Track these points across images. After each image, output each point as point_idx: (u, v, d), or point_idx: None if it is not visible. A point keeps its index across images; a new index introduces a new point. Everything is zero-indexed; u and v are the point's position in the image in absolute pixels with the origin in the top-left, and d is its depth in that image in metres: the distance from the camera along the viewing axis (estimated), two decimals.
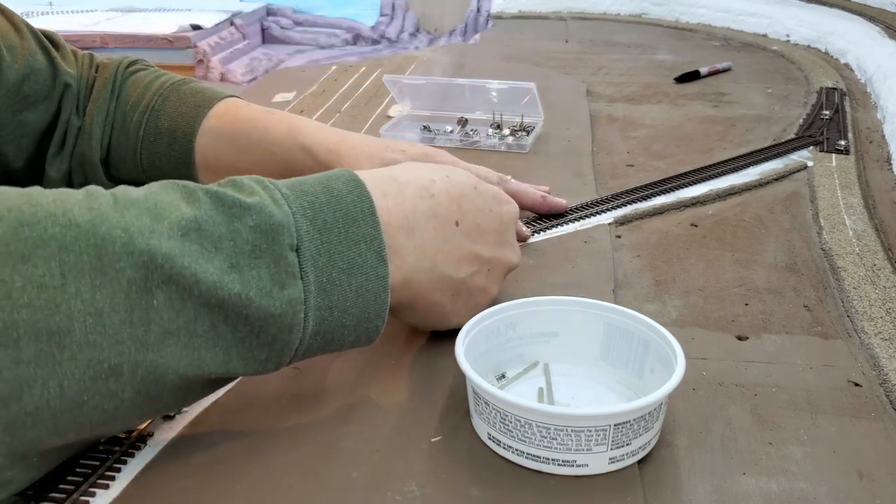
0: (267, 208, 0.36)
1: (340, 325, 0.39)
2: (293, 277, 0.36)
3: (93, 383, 0.31)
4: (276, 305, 0.35)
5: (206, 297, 0.33)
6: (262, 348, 0.36)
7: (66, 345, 0.30)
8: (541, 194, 0.68)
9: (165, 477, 0.39)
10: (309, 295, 0.37)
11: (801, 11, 1.63)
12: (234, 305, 0.34)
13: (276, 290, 0.35)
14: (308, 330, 0.37)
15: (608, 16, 1.90)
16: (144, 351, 0.32)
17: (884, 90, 1.09)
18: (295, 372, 0.47)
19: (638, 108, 1.08)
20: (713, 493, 0.38)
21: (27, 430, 0.30)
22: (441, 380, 0.46)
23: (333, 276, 0.38)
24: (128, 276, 0.31)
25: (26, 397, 0.30)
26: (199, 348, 0.34)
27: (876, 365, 0.49)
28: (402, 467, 0.39)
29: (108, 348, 0.31)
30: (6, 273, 0.29)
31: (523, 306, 0.47)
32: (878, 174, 0.83)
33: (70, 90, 0.65)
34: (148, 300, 0.32)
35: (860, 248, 0.65)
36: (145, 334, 0.32)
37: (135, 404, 0.33)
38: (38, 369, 0.30)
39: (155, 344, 0.32)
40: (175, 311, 0.33)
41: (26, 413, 0.30)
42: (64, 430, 0.32)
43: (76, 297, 0.30)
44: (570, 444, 0.38)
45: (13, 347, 0.29)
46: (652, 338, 0.44)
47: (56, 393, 0.30)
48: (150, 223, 0.33)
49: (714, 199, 0.75)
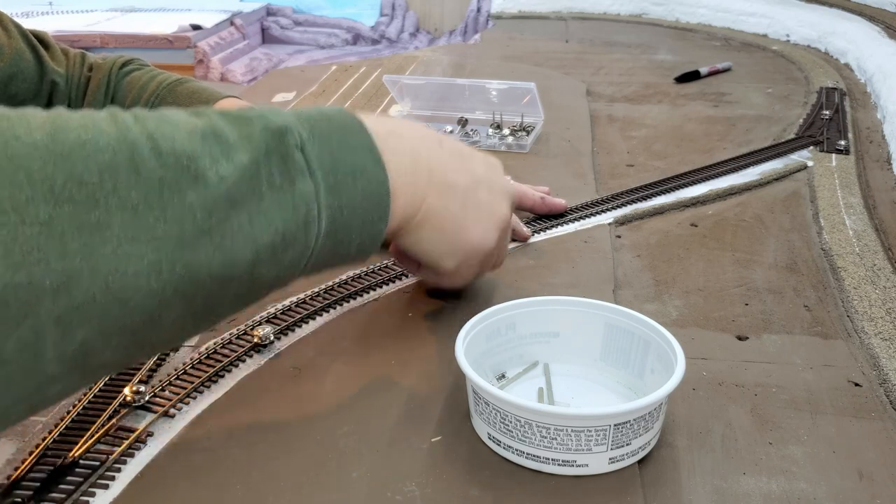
0: (269, 116, 0.38)
1: (348, 226, 0.40)
2: (303, 174, 0.37)
3: (135, 279, 0.32)
4: (290, 201, 0.37)
5: (231, 196, 0.35)
6: (286, 250, 0.37)
7: (107, 238, 0.31)
8: (540, 195, 0.68)
9: (165, 477, 0.39)
10: (319, 190, 0.38)
11: (801, 11, 1.63)
12: (256, 202, 0.36)
13: (287, 185, 0.37)
14: (322, 228, 0.38)
15: (608, 16, 1.90)
16: (180, 249, 0.33)
17: (884, 90, 1.09)
18: (295, 372, 0.47)
19: (638, 108, 1.08)
20: (713, 493, 0.38)
21: (77, 329, 0.31)
22: (441, 380, 0.46)
23: (339, 177, 0.39)
24: (158, 175, 0.33)
25: (74, 290, 0.30)
26: (229, 248, 0.35)
27: (876, 365, 0.49)
28: (402, 467, 0.39)
29: (147, 244, 0.32)
30: (48, 170, 0.30)
31: (523, 306, 0.47)
32: (878, 174, 0.83)
33: (58, 89, 0.64)
34: (180, 198, 0.33)
35: (860, 248, 0.65)
36: (181, 232, 0.33)
37: (173, 306, 0.34)
38: (83, 262, 0.30)
39: (190, 242, 0.33)
40: (207, 210, 0.34)
41: (74, 307, 0.31)
42: (110, 331, 0.32)
43: (113, 192, 0.31)
44: (570, 444, 0.38)
45: (59, 240, 0.30)
46: (652, 338, 0.44)
47: (101, 288, 0.31)
48: (170, 130, 0.34)
49: (714, 199, 0.75)
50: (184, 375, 0.46)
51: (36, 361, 0.30)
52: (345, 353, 0.49)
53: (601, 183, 0.79)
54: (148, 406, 0.43)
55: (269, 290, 0.40)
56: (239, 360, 0.48)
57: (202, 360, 0.48)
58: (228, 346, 0.49)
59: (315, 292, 0.56)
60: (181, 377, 0.46)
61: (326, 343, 0.50)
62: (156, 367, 0.47)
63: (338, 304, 0.54)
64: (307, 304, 0.54)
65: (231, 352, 0.49)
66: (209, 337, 0.50)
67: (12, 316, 0.29)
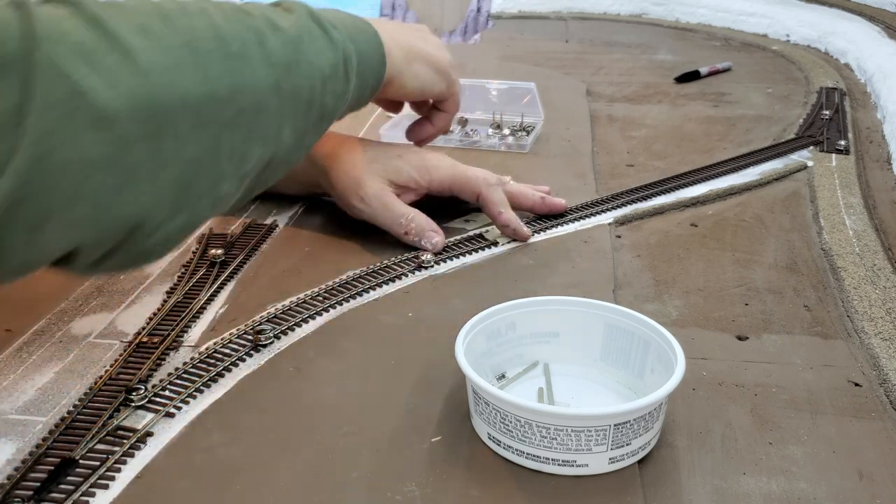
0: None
1: (366, 68, 0.55)
2: (334, 28, 0.51)
3: (265, 97, 0.44)
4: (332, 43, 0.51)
5: (297, 38, 0.48)
6: (337, 80, 0.51)
7: (247, 62, 0.43)
8: (540, 195, 0.68)
9: (165, 477, 0.39)
10: (345, 39, 0.52)
11: (801, 11, 1.63)
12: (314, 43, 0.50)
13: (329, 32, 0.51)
14: (355, 66, 0.53)
15: (608, 16, 1.90)
16: (287, 72, 0.46)
17: (884, 90, 1.09)
18: (295, 372, 0.47)
19: (638, 108, 1.08)
20: (713, 493, 0.38)
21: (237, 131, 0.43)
22: (441, 380, 0.46)
23: (352, 34, 0.54)
24: (255, 25, 0.45)
25: (237, 99, 0.42)
26: (308, 75, 0.48)
27: (876, 365, 0.49)
28: (402, 467, 0.39)
29: (268, 69, 0.45)
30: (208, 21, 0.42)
31: (523, 306, 0.47)
32: (878, 174, 0.83)
33: None
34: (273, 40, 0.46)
35: (860, 248, 0.65)
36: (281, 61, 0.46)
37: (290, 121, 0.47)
38: (237, 79, 0.42)
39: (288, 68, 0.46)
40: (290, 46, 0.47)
41: (236, 113, 0.42)
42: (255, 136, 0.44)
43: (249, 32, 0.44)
44: (570, 444, 0.38)
45: (222, 63, 0.41)
46: (652, 338, 0.44)
47: (250, 100, 0.43)
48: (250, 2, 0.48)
49: (714, 199, 0.75)
50: (184, 375, 0.46)
51: (216, 157, 0.42)
52: (345, 353, 0.49)
53: (601, 183, 0.79)
54: (148, 406, 0.44)
55: (331, 119, 0.53)
56: (239, 360, 0.48)
57: (202, 360, 0.48)
58: (228, 346, 0.49)
59: (315, 292, 0.56)
60: (181, 377, 0.46)
61: (326, 343, 0.50)
62: (155, 368, 0.47)
63: (338, 304, 0.54)
64: (307, 304, 0.54)
65: (231, 352, 0.49)
66: (209, 337, 0.50)
67: (203, 121, 0.40)
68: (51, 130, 0.33)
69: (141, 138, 0.36)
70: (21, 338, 0.50)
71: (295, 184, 0.69)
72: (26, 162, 0.32)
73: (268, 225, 0.67)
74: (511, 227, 0.64)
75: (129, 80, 0.35)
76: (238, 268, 0.60)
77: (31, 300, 0.55)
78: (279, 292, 0.56)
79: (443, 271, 0.60)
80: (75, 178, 0.34)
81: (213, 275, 0.58)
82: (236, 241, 0.64)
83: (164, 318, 0.52)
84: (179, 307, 0.54)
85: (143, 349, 0.49)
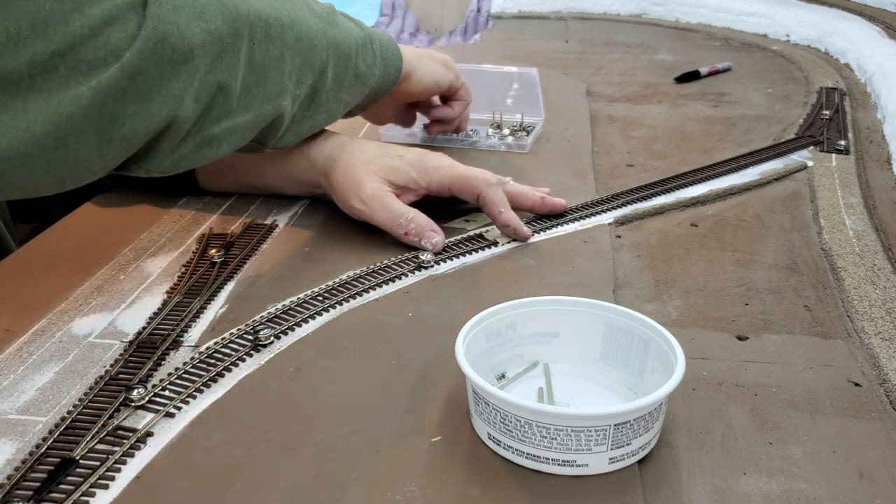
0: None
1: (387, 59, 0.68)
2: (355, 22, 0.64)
3: (316, 37, 0.58)
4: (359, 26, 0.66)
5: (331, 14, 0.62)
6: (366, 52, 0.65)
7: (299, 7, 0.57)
8: (540, 196, 0.68)
9: (165, 477, 0.39)
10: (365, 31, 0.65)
11: (801, 11, 1.63)
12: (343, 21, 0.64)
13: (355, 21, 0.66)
14: (377, 50, 0.66)
15: (608, 16, 1.90)
16: (329, 27, 0.60)
17: (884, 90, 1.09)
18: (295, 372, 0.47)
19: (638, 108, 1.08)
20: (713, 493, 0.38)
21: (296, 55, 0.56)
22: (441, 380, 0.46)
23: (370, 32, 0.66)
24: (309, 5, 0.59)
25: (297, 27, 0.56)
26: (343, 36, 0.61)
27: (876, 365, 0.49)
28: (402, 467, 0.39)
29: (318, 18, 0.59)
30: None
31: (523, 306, 0.47)
32: (878, 174, 0.83)
33: None
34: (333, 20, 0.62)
35: (860, 248, 0.65)
36: (324, 16, 0.61)
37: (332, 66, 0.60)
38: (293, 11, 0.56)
39: (329, 22, 0.61)
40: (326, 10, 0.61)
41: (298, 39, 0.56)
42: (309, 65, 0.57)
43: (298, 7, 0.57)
44: (570, 444, 0.38)
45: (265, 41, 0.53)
46: (652, 338, 0.44)
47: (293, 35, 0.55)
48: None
49: (714, 199, 0.75)
50: (184, 375, 0.46)
51: (280, 70, 0.54)
52: (345, 353, 0.49)
53: (601, 183, 0.79)
54: (148, 406, 0.44)
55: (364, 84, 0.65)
56: (239, 359, 0.48)
57: (202, 360, 0.48)
58: (228, 346, 0.49)
59: (315, 292, 0.56)
60: (181, 377, 0.46)
61: (326, 343, 0.50)
62: (156, 368, 0.47)
63: (338, 304, 0.54)
64: (307, 304, 0.54)
65: (231, 352, 0.49)
66: (209, 337, 0.50)
67: (272, 35, 0.53)
68: (165, 19, 0.43)
69: (227, 35, 0.48)
70: (21, 337, 0.50)
71: (295, 184, 0.70)
72: (147, 41, 0.42)
73: (268, 225, 0.67)
74: (511, 227, 0.64)
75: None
76: (238, 268, 0.60)
77: (31, 300, 0.55)
78: (279, 292, 0.56)
79: (443, 271, 0.60)
80: (181, 57, 0.45)
81: (213, 275, 0.58)
82: (236, 241, 0.64)
83: (165, 317, 0.52)
84: (179, 307, 0.54)
85: (143, 349, 0.49)
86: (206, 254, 0.61)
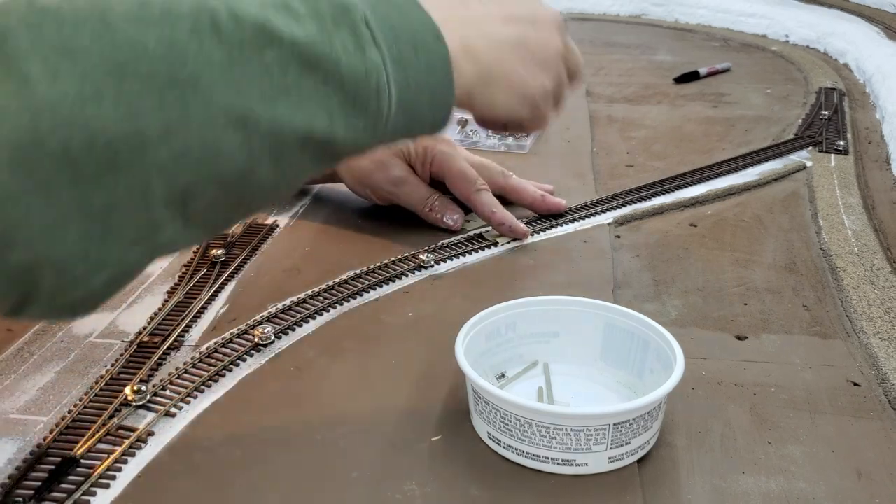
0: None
1: (418, 101, 0.41)
2: (371, 44, 0.39)
3: (224, 132, 0.35)
4: (362, 66, 0.38)
5: (306, 57, 0.37)
6: (359, 115, 0.39)
7: (198, 91, 0.34)
8: (541, 193, 0.68)
9: (165, 477, 0.39)
10: (386, 61, 0.39)
11: (801, 12, 1.63)
12: (330, 65, 0.37)
13: (359, 52, 0.38)
14: (392, 98, 0.39)
15: (608, 16, 1.90)
16: (263, 104, 0.36)
17: (883, 90, 1.09)
18: (295, 372, 0.47)
19: (638, 109, 1.08)
20: (712, 492, 0.38)
21: (178, 175, 0.34)
22: (441, 380, 0.46)
23: (402, 50, 0.40)
24: (238, 37, 0.35)
25: (173, 140, 0.33)
26: (307, 108, 0.37)
27: (875, 365, 0.49)
28: (402, 467, 0.39)
29: (233, 97, 0.35)
30: (140, 33, 0.33)
31: (523, 306, 0.47)
32: (877, 174, 0.83)
33: None
34: (260, 57, 0.35)
35: (859, 248, 0.65)
36: (261, 88, 0.35)
37: (262, 163, 0.37)
38: (180, 113, 0.33)
39: (271, 99, 0.36)
40: (283, 68, 0.36)
41: (174, 156, 0.34)
42: (207, 181, 0.35)
43: (200, 52, 0.34)
44: (570, 443, 0.38)
45: (157, 95, 0.33)
46: (651, 338, 0.44)
47: (197, 138, 0.34)
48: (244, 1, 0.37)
49: (713, 199, 0.75)
50: (184, 375, 0.46)
51: (144, 204, 0.34)
52: (345, 353, 0.49)
53: (601, 183, 0.79)
54: (148, 405, 0.44)
55: (348, 155, 0.41)
56: (239, 359, 0.48)
57: (202, 359, 0.48)
58: (228, 346, 0.49)
59: (315, 292, 0.56)
60: (182, 377, 0.46)
61: (326, 343, 0.50)
62: (156, 367, 0.47)
63: (338, 304, 0.55)
64: (307, 304, 0.54)
65: (231, 352, 0.49)
66: (209, 337, 0.50)
67: (123, 162, 0.32)
68: None
69: (29, 190, 0.31)
70: (22, 337, 0.50)
71: None
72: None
73: (268, 225, 0.67)
74: (507, 225, 0.64)
75: (14, 118, 0.30)
76: (239, 268, 0.60)
77: None
78: (279, 292, 0.56)
79: (443, 271, 0.60)
80: None
81: (214, 274, 0.58)
82: (237, 240, 0.64)
83: (165, 317, 0.53)
84: (180, 307, 0.54)
85: (143, 349, 0.49)
86: (207, 253, 0.61)
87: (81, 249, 0.33)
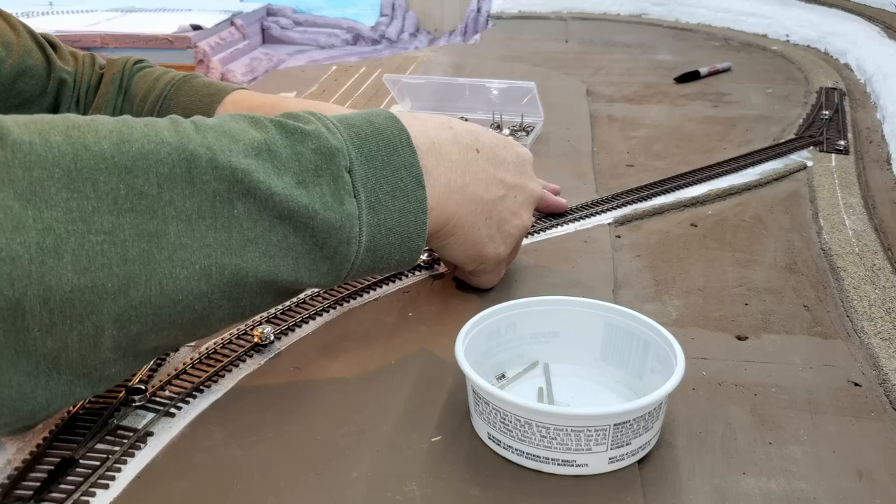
0: (323, 135, 0.40)
1: (388, 244, 0.42)
2: (349, 195, 0.40)
3: (186, 283, 0.35)
4: (336, 218, 0.39)
5: (279, 209, 0.37)
6: (325, 261, 0.40)
7: (163, 245, 0.34)
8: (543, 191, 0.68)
9: (165, 477, 0.39)
10: (362, 212, 0.41)
11: (801, 11, 1.63)
12: (303, 217, 0.38)
13: (336, 204, 0.39)
14: (362, 245, 0.41)
15: (608, 16, 1.90)
16: (229, 255, 0.36)
17: (883, 90, 1.09)
18: (295, 372, 0.47)
19: (638, 108, 1.08)
20: (713, 492, 0.38)
21: (132, 325, 0.34)
22: (441, 380, 0.46)
23: (380, 196, 0.41)
24: (213, 187, 0.35)
25: (132, 292, 0.33)
26: (274, 256, 0.38)
27: (875, 365, 0.49)
28: (402, 467, 0.39)
29: (198, 251, 0.35)
30: (112, 181, 0.33)
31: (523, 306, 0.47)
32: (878, 174, 0.83)
33: (66, 86, 0.65)
34: (230, 210, 0.36)
35: (860, 247, 0.65)
36: (229, 240, 0.36)
37: (220, 307, 0.37)
38: (141, 267, 0.33)
39: (237, 249, 0.36)
40: (253, 220, 0.37)
41: (132, 307, 0.34)
42: (161, 326, 0.36)
43: (170, 204, 0.34)
44: (570, 443, 0.38)
45: (121, 247, 0.33)
46: (652, 338, 0.44)
47: (157, 290, 0.34)
48: (228, 143, 0.37)
49: (714, 199, 0.75)
50: (184, 375, 0.46)
51: (95, 350, 0.34)
52: (345, 353, 0.49)
53: (601, 183, 0.79)
54: (148, 406, 0.44)
55: (308, 289, 0.43)
56: (239, 359, 0.48)
57: (202, 359, 0.48)
58: (228, 346, 0.49)
59: (315, 292, 0.56)
60: (181, 377, 0.46)
61: (326, 343, 0.50)
62: (156, 367, 0.47)
63: (338, 304, 0.54)
64: (307, 304, 0.54)
65: (231, 352, 0.49)
66: (209, 337, 0.50)
67: (77, 314, 0.32)
68: None
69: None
70: None
71: None
72: None
73: None
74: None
75: None
76: None
77: None
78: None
79: (443, 271, 0.60)
80: None
81: None
82: None
83: None
84: None
85: None
86: None
87: (29, 390, 0.33)
